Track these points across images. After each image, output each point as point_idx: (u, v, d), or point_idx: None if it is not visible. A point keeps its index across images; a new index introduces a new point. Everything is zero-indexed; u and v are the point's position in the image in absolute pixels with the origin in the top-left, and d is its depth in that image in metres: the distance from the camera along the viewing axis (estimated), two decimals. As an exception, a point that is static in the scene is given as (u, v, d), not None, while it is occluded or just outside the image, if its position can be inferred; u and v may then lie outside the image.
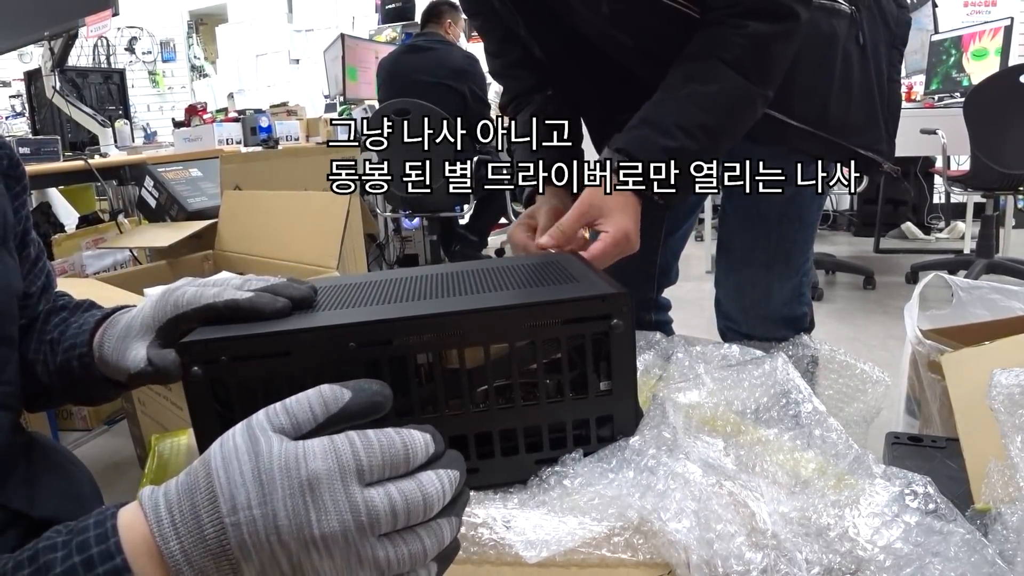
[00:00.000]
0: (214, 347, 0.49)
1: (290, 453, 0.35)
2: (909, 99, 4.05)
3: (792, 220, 1.05)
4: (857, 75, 1.00)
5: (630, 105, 1.06)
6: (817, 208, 1.08)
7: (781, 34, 0.83)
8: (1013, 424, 0.53)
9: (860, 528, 0.42)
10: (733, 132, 0.87)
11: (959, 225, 4.65)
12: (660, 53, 0.89)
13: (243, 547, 0.34)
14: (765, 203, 1.02)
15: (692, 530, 0.43)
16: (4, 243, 0.58)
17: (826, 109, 0.98)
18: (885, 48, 1.04)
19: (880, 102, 1.04)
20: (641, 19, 0.89)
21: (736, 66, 0.82)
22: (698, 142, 0.82)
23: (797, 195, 1.02)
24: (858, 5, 0.99)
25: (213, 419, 0.50)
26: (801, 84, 0.94)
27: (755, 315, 1.10)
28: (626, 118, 1.08)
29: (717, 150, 0.85)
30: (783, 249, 1.06)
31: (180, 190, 2.06)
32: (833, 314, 3.16)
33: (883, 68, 1.04)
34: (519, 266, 0.66)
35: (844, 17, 0.97)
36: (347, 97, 4.24)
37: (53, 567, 0.34)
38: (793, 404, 0.59)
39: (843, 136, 1.00)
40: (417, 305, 0.54)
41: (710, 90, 0.83)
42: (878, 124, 1.04)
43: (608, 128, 1.12)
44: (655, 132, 0.83)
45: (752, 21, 0.81)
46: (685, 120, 0.82)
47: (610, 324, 0.50)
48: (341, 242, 1.51)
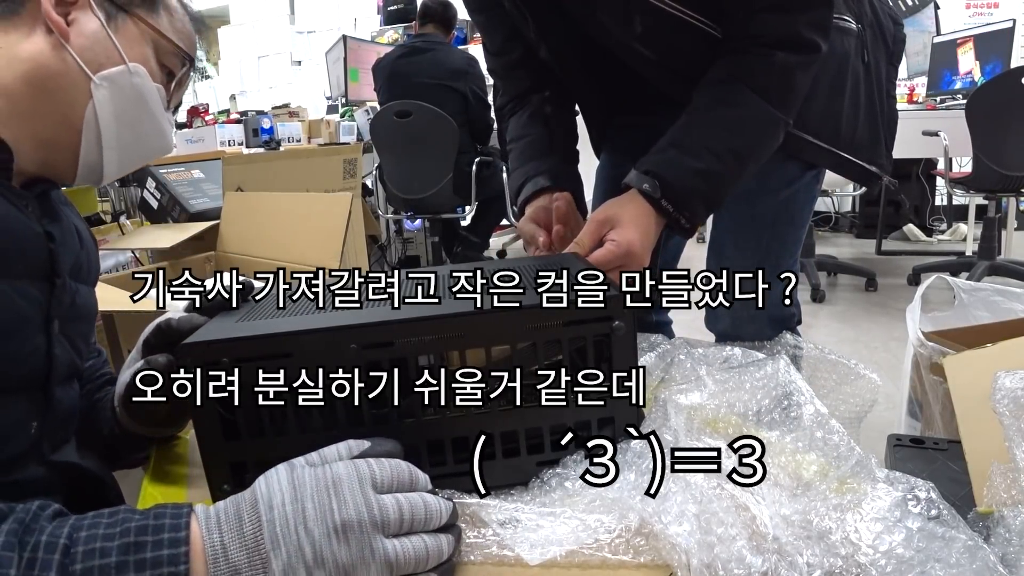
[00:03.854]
0: (215, 349, 0.50)
1: (318, 467, 0.43)
2: (911, 101, 4.05)
3: (785, 223, 1.07)
4: (863, 92, 1.03)
5: (635, 109, 1.06)
6: (808, 211, 1.10)
7: (803, 64, 0.85)
8: (1017, 427, 0.53)
9: (862, 532, 0.42)
10: (758, 157, 0.88)
11: (961, 227, 4.64)
12: (680, 68, 0.90)
13: (274, 539, 0.40)
14: (761, 205, 1.05)
15: (693, 533, 0.43)
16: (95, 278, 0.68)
17: (838, 125, 1.01)
18: (884, 65, 1.07)
19: (881, 118, 1.07)
20: (668, 37, 0.90)
21: (762, 93, 0.84)
22: (726, 164, 0.83)
23: (791, 199, 1.05)
24: (862, 23, 1.01)
25: (215, 419, 0.51)
26: (818, 102, 0.96)
27: (743, 316, 1.11)
28: (631, 121, 1.08)
29: (743, 174, 0.87)
30: (773, 251, 1.08)
31: (182, 191, 2.06)
32: (835, 316, 3.15)
33: (883, 85, 1.07)
34: (517, 268, 0.65)
35: (852, 35, 1.00)
36: (349, 99, 4.25)
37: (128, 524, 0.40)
38: (795, 406, 0.59)
39: (852, 151, 1.02)
40: (418, 307, 0.54)
41: (737, 114, 0.84)
42: (880, 139, 1.07)
43: (609, 128, 1.15)
44: (684, 154, 0.83)
45: (779, 51, 0.83)
46: (713, 143, 0.83)
47: (612, 326, 0.50)
48: (343, 243, 1.51)
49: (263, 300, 0.63)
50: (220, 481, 0.52)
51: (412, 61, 3.34)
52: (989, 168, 2.99)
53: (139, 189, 2.21)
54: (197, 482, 0.60)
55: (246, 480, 0.51)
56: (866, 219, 4.94)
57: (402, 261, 3.98)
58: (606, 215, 0.82)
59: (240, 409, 0.50)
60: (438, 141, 3.07)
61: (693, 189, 0.83)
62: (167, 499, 0.57)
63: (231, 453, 0.52)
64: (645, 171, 0.84)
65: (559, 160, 1.04)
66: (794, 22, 0.83)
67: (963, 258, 3.74)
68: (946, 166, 3.25)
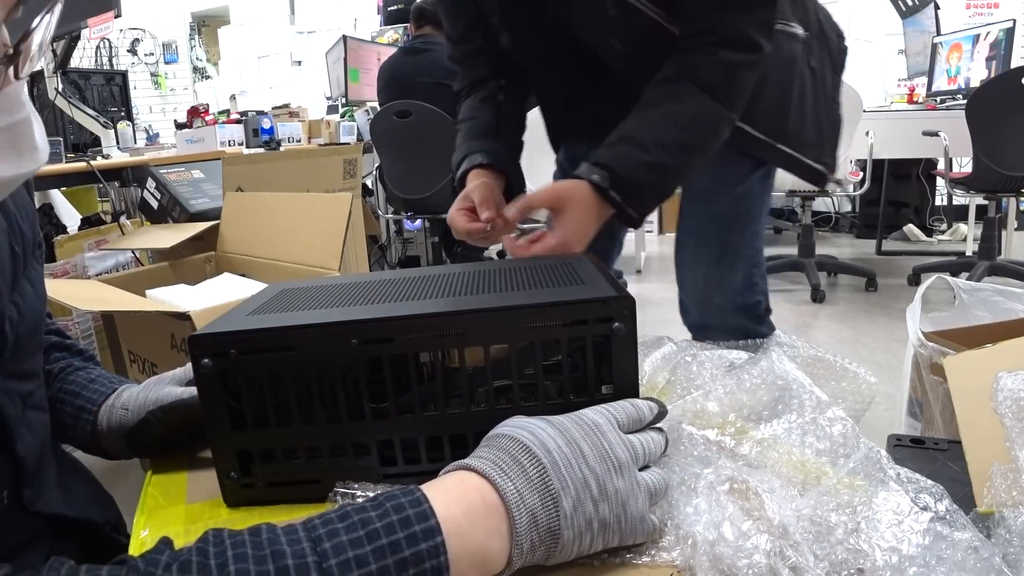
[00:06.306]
0: (223, 340, 0.51)
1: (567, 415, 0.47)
2: (911, 101, 4.05)
3: (742, 217, 1.14)
4: (810, 95, 1.10)
5: (598, 100, 1.12)
6: (762, 205, 1.16)
7: (747, 64, 0.90)
8: (1020, 428, 0.53)
9: (868, 528, 0.42)
10: (704, 151, 0.93)
11: (961, 227, 4.64)
12: (645, 60, 0.94)
13: (561, 479, 0.41)
14: (717, 204, 1.13)
15: (699, 529, 0.43)
16: (34, 254, 0.60)
17: (786, 124, 1.08)
18: (830, 73, 1.15)
19: (826, 120, 1.15)
20: (635, 30, 0.95)
21: (708, 90, 0.89)
22: (674, 157, 0.88)
23: (746, 195, 1.13)
24: (809, 31, 1.08)
25: (223, 408, 0.52)
26: (766, 101, 1.02)
27: (709, 306, 1.18)
28: (592, 109, 1.14)
29: (690, 167, 0.92)
30: (732, 243, 1.15)
31: (182, 192, 2.06)
32: (835, 316, 3.16)
33: (828, 90, 1.14)
34: (523, 268, 0.66)
35: (799, 41, 1.07)
36: (349, 99, 4.24)
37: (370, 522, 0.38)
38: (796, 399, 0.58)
39: (799, 149, 1.09)
40: (418, 304, 0.55)
41: (685, 110, 0.89)
42: (824, 140, 1.15)
43: (569, 120, 1.21)
44: (634, 148, 0.88)
45: (723, 50, 0.88)
46: (662, 136, 0.88)
47: (611, 328, 0.50)
48: (343, 244, 1.51)
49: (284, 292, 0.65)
50: (227, 468, 0.54)
51: (411, 61, 3.35)
52: (989, 168, 2.99)
53: (139, 189, 2.21)
54: (198, 480, 0.60)
55: (252, 469, 0.53)
56: (866, 219, 4.94)
57: (402, 261, 3.98)
58: (560, 192, 0.87)
59: (247, 398, 0.52)
60: (438, 141, 3.07)
61: (642, 181, 0.87)
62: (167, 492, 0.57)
63: (238, 442, 0.53)
64: (596, 163, 0.87)
65: (502, 144, 1.08)
66: (739, 22, 0.88)
67: (963, 258, 3.75)
68: (946, 166, 3.25)
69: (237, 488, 0.54)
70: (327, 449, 0.53)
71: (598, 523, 0.42)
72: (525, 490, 0.41)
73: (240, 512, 0.54)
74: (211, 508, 0.55)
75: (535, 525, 0.41)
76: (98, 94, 3.30)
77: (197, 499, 0.57)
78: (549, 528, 0.41)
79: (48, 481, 0.59)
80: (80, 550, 0.61)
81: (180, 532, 0.52)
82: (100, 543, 0.63)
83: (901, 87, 4.70)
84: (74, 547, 0.61)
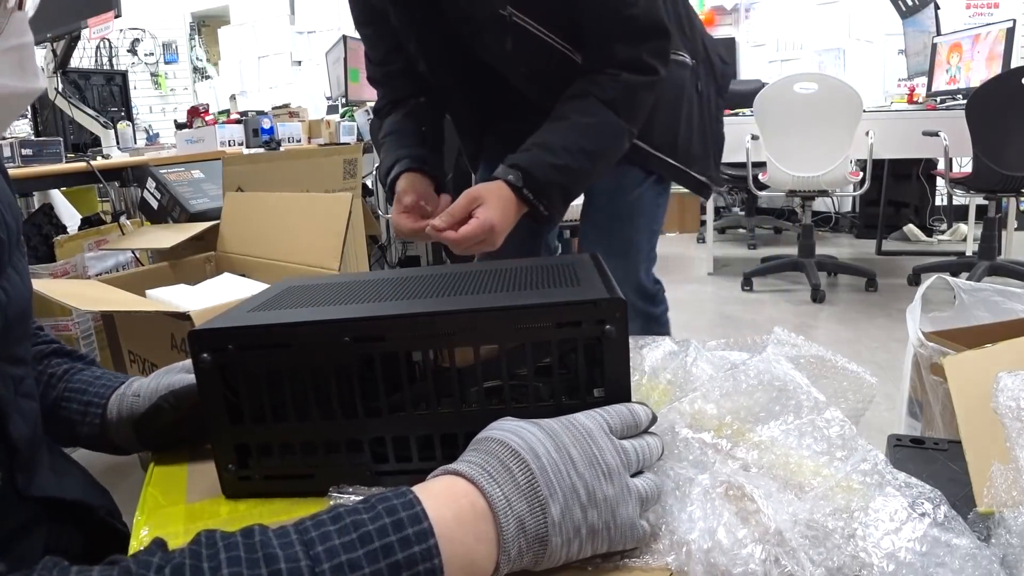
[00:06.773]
0: (221, 336, 0.52)
1: (558, 419, 0.46)
2: (911, 101, 4.05)
3: (637, 217, 1.30)
4: (696, 116, 1.27)
5: (512, 117, 1.25)
6: (656, 207, 1.32)
7: (645, 84, 1.05)
8: (1020, 428, 0.53)
9: (865, 533, 0.42)
10: (607, 158, 1.07)
11: (961, 227, 4.65)
12: (548, 82, 1.08)
13: (550, 485, 0.41)
14: (615, 205, 1.28)
15: (696, 532, 0.43)
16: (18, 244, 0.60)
17: (676, 141, 1.25)
18: (714, 95, 1.32)
19: (711, 137, 1.32)
20: (536, 56, 1.08)
21: (611, 105, 1.02)
22: (579, 162, 1.02)
23: (640, 198, 1.29)
24: (696, 59, 1.26)
25: (221, 403, 0.53)
26: (659, 120, 1.19)
27: None
28: (505, 127, 1.28)
29: (594, 172, 1.06)
30: (634, 239, 1.31)
31: (182, 192, 2.06)
32: (835, 316, 3.16)
33: (713, 111, 1.32)
34: (523, 268, 0.66)
35: (687, 68, 1.24)
36: (349, 99, 4.24)
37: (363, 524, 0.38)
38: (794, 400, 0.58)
39: (687, 164, 1.27)
40: (411, 304, 0.56)
41: (589, 121, 1.03)
42: (709, 155, 1.32)
43: (487, 136, 1.34)
44: (544, 152, 1.01)
45: (624, 72, 1.03)
46: (569, 143, 1.01)
47: (603, 330, 0.50)
48: (343, 244, 1.51)
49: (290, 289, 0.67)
50: (226, 461, 0.55)
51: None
52: (989, 168, 2.99)
53: (139, 189, 2.21)
54: (197, 479, 0.60)
55: (249, 462, 0.54)
56: (866, 219, 4.94)
57: (402, 261, 3.98)
58: (477, 193, 0.97)
59: (244, 392, 0.53)
60: (438, 141, 3.06)
61: (551, 181, 1.00)
62: (167, 491, 0.57)
63: (236, 436, 0.54)
64: (511, 165, 1.00)
65: (428, 151, 1.17)
66: (637, 50, 1.02)
67: (963, 258, 3.75)
68: (946, 166, 3.25)
69: (235, 480, 0.55)
70: (321, 445, 0.54)
71: (587, 529, 0.42)
72: (513, 496, 0.41)
73: (240, 512, 0.54)
74: (211, 507, 0.55)
75: (523, 531, 0.40)
76: (98, 94, 3.30)
77: (197, 498, 0.57)
78: (537, 534, 0.41)
79: (41, 467, 0.59)
80: (79, 533, 0.62)
81: (180, 532, 0.52)
82: (97, 528, 0.63)
83: (901, 87, 4.70)
84: (72, 532, 0.61)
